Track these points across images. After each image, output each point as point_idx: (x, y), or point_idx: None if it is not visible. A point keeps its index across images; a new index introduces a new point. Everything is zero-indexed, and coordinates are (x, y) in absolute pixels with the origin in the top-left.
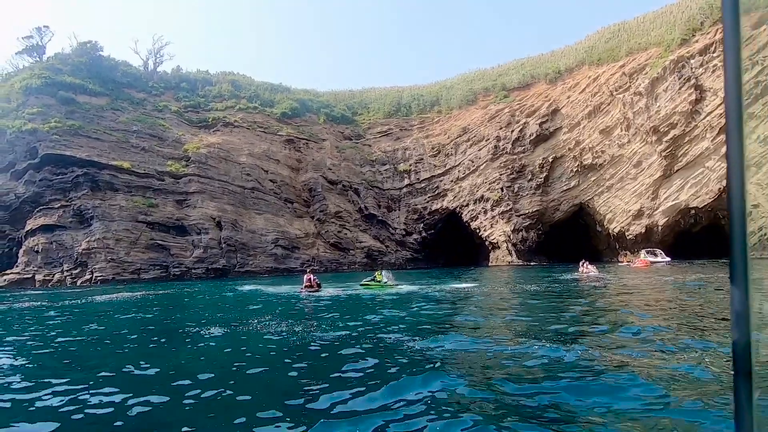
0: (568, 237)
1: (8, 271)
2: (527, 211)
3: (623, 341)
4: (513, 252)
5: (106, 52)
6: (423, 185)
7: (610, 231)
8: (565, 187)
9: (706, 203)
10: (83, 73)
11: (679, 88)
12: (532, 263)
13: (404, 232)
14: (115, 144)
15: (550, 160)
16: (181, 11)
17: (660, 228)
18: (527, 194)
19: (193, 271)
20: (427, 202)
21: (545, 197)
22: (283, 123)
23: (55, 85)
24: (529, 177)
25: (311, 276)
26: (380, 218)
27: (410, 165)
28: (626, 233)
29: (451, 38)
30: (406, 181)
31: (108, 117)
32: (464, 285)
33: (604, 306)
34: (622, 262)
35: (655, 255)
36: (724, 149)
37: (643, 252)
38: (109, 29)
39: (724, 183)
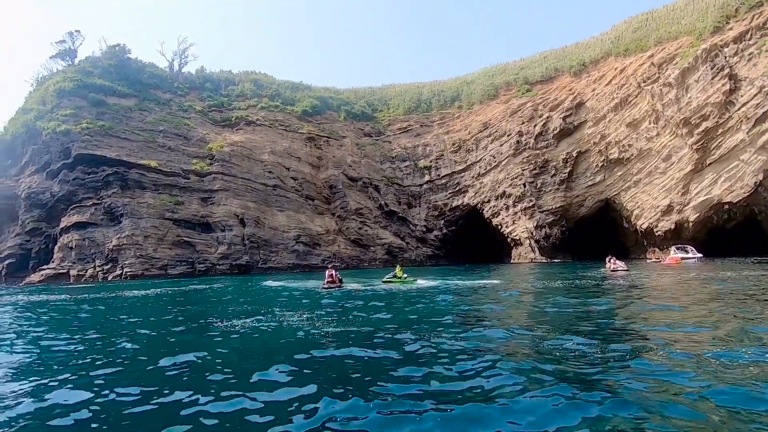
0: (594, 233)
1: (45, 267)
2: (551, 207)
3: (667, 339)
4: (536, 249)
5: (133, 54)
6: (443, 181)
7: (638, 227)
8: (590, 183)
9: (740, 198)
10: (112, 75)
11: (712, 78)
12: (555, 260)
13: (425, 229)
14: (143, 144)
15: (575, 155)
16: (204, 12)
17: (691, 224)
18: (551, 190)
19: (217, 267)
20: (448, 198)
21: (569, 193)
22: (304, 121)
23: (87, 88)
24: (553, 172)
25: (333, 272)
26: (400, 215)
27: (431, 161)
28: (655, 229)
29: (473, 32)
30: (427, 178)
31: (136, 117)
32: (487, 281)
33: (637, 302)
34: (650, 258)
35: (686, 251)
36: (761, 140)
37: (672, 248)
38: (136, 31)
39: (760, 177)
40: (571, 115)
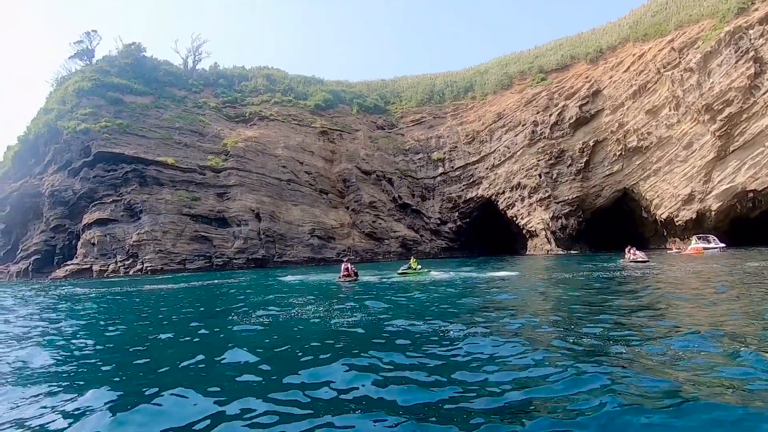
0: (612, 224)
1: (69, 263)
2: (567, 198)
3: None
4: (552, 240)
5: (148, 52)
6: (457, 173)
7: (658, 217)
8: (607, 172)
9: (766, 186)
10: (129, 74)
11: (736, 62)
12: (572, 252)
13: (439, 221)
14: (160, 141)
15: (591, 144)
16: (215, 8)
17: (713, 213)
18: (567, 180)
19: (234, 261)
20: (462, 190)
21: (586, 183)
22: (316, 115)
23: (104, 87)
24: (569, 162)
25: (349, 265)
26: (414, 207)
27: (444, 153)
28: (675, 219)
29: (486, 22)
30: (440, 170)
31: (152, 115)
32: (503, 273)
33: (657, 293)
34: (670, 249)
35: (708, 241)
36: None
37: (694, 238)
38: (150, 29)
39: None
40: (588, 104)
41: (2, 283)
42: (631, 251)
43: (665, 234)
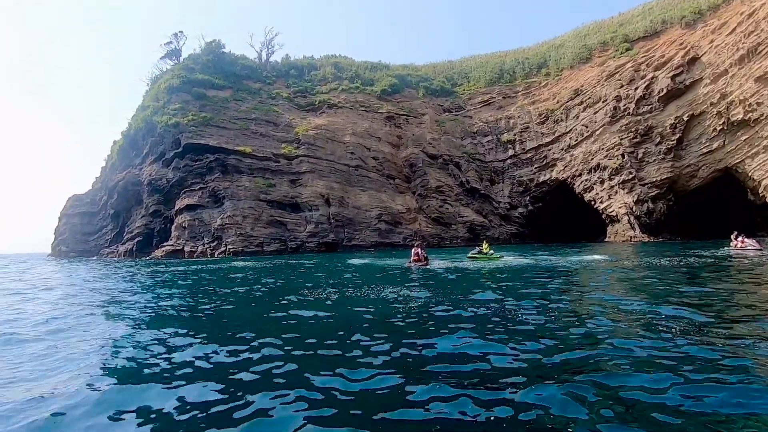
0: (707, 209)
1: (165, 244)
2: (654, 180)
3: None
4: (636, 226)
5: (227, 48)
6: (529, 155)
7: None
8: (704, 150)
9: None
10: (211, 69)
11: None
12: (659, 239)
13: (508, 206)
14: (239, 131)
15: (685, 119)
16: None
17: None
18: (654, 160)
19: (306, 244)
20: (534, 173)
21: (678, 162)
22: (383, 100)
23: (190, 83)
24: (657, 140)
25: (419, 250)
26: (483, 192)
27: (514, 134)
28: None
29: None
30: (511, 152)
31: (232, 107)
32: (586, 257)
33: None
34: None
35: None
36: None
37: None
38: (229, 25)
39: None
40: (682, 73)
41: (113, 260)
42: (740, 239)
43: None
